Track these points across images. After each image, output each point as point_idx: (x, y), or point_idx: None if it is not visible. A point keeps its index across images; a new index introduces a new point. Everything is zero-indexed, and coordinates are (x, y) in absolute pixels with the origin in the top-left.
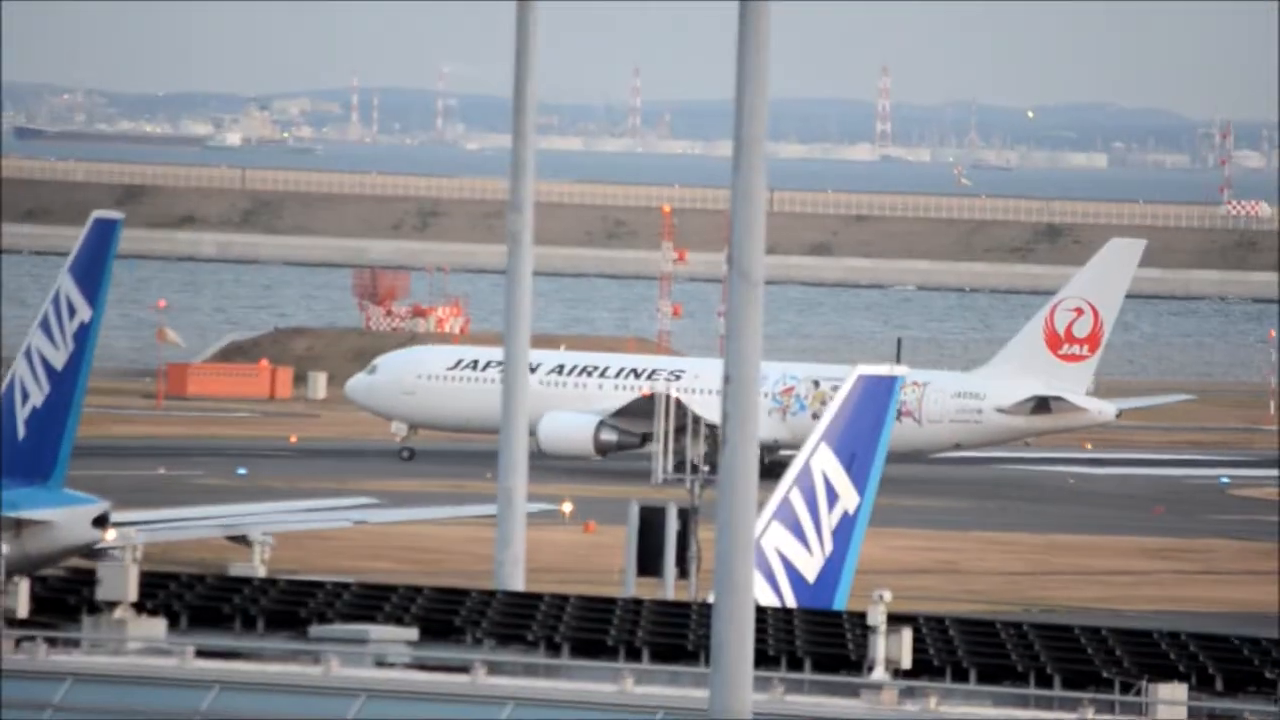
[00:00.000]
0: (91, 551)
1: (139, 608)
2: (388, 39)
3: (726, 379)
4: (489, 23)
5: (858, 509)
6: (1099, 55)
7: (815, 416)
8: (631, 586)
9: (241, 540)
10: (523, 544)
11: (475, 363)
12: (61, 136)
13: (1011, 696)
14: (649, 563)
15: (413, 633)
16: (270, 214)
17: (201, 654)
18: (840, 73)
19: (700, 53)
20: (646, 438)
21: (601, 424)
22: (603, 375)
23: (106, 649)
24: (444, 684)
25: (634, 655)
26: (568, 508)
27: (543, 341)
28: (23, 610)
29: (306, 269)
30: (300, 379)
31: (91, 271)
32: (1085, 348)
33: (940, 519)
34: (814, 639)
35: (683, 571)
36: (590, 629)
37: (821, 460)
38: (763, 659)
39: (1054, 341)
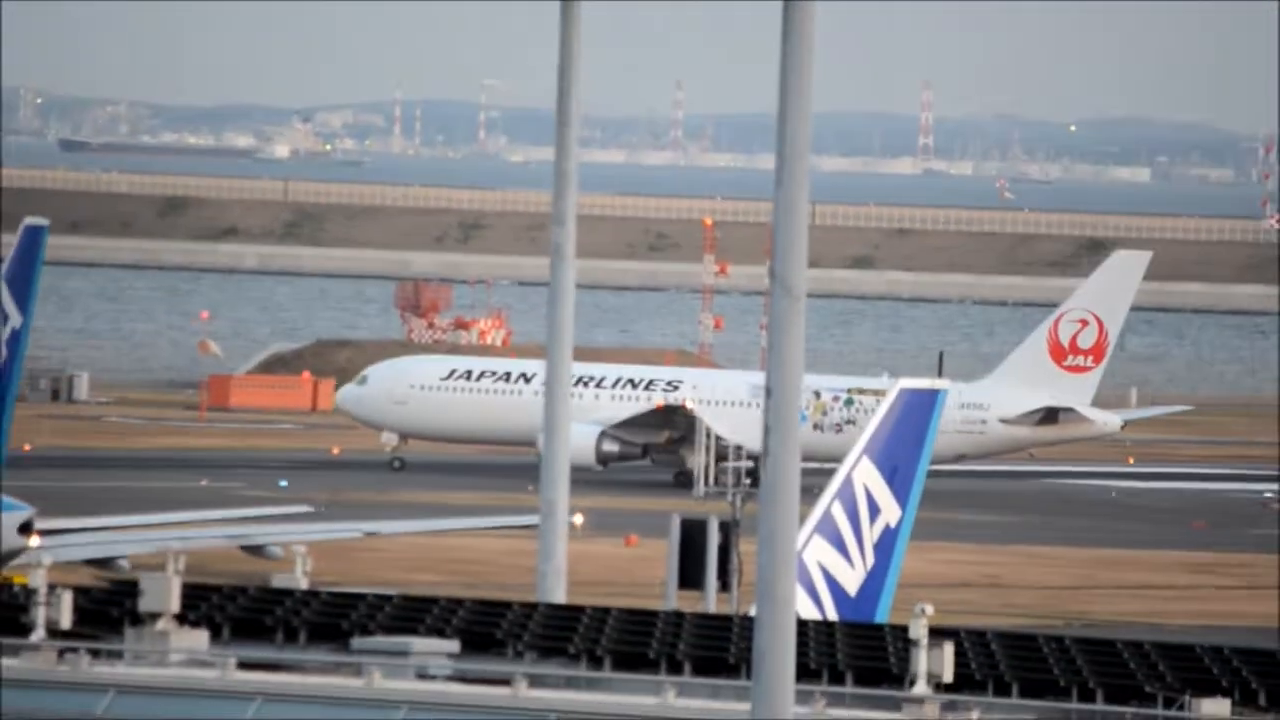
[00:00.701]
0: (8, 556)
1: (181, 619)
2: (431, 51)
3: (768, 392)
4: (532, 36)
5: (899, 522)
6: (1142, 69)
7: (816, 428)
8: (673, 599)
9: (257, 551)
10: (564, 556)
11: (469, 373)
12: (106, 148)
13: (1054, 711)
14: (690, 576)
15: (454, 645)
16: (313, 226)
17: (244, 666)
18: (882, 86)
19: (743, 66)
20: (648, 449)
21: (603, 434)
22: (599, 385)
23: (149, 660)
24: (485, 696)
25: (676, 668)
26: (579, 519)
27: (585, 355)
28: (65, 621)
29: (349, 281)
30: None
31: (22, 278)
32: (1090, 359)
33: (982, 533)
34: (856, 652)
35: (724, 584)
36: (632, 642)
37: (863, 473)
38: (804, 672)
39: (1058, 353)
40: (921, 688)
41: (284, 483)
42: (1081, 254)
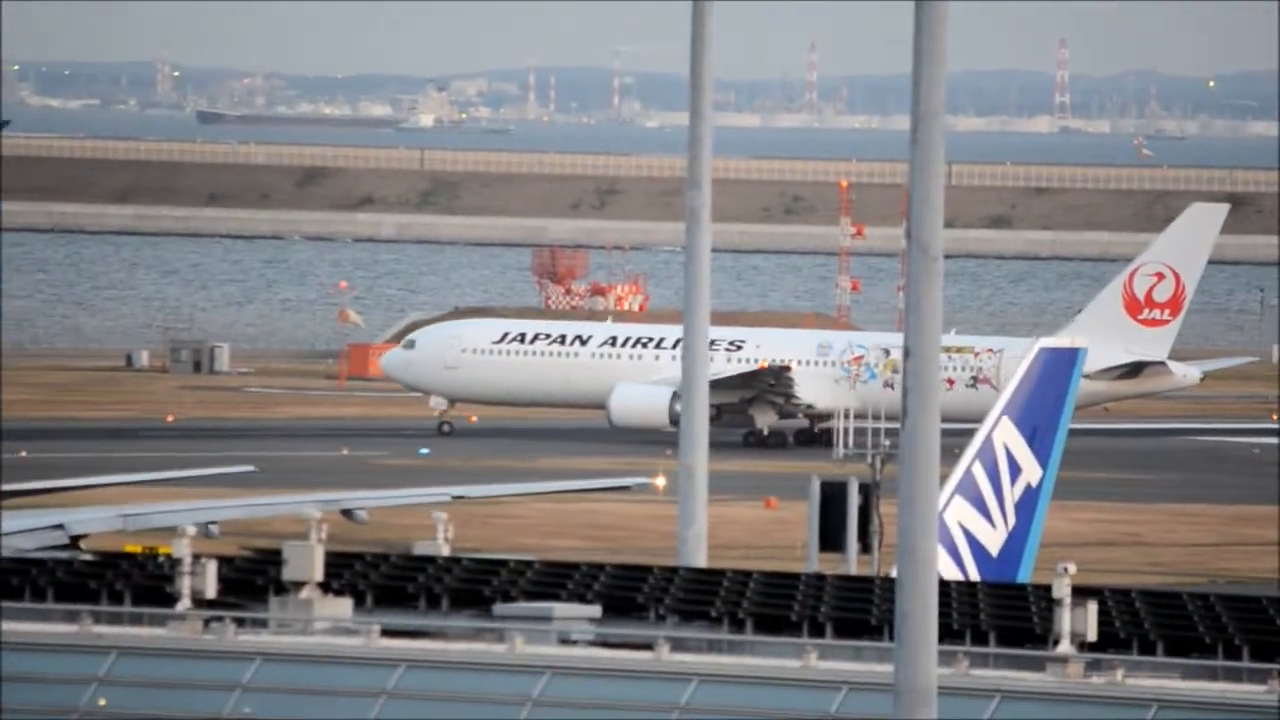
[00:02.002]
0: None
1: (325, 587)
2: (564, 18)
3: (906, 353)
4: (665, 1)
5: (1040, 482)
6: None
7: (887, 385)
8: (814, 562)
9: (348, 515)
10: (705, 520)
11: (522, 336)
12: (243, 120)
13: (1199, 669)
14: (831, 538)
15: (596, 610)
16: (449, 194)
17: (387, 633)
18: (1018, 44)
19: (877, 26)
20: (721, 410)
21: (676, 395)
22: (659, 346)
23: (293, 629)
24: (627, 661)
25: (818, 630)
26: (660, 482)
27: (722, 319)
28: (210, 591)
29: (485, 249)
30: None
31: None
32: (1167, 312)
33: (1124, 491)
34: (998, 612)
35: (865, 546)
36: (773, 604)
37: (1003, 433)
38: (947, 633)
39: (1133, 306)
40: (1065, 647)
41: (425, 450)
42: None
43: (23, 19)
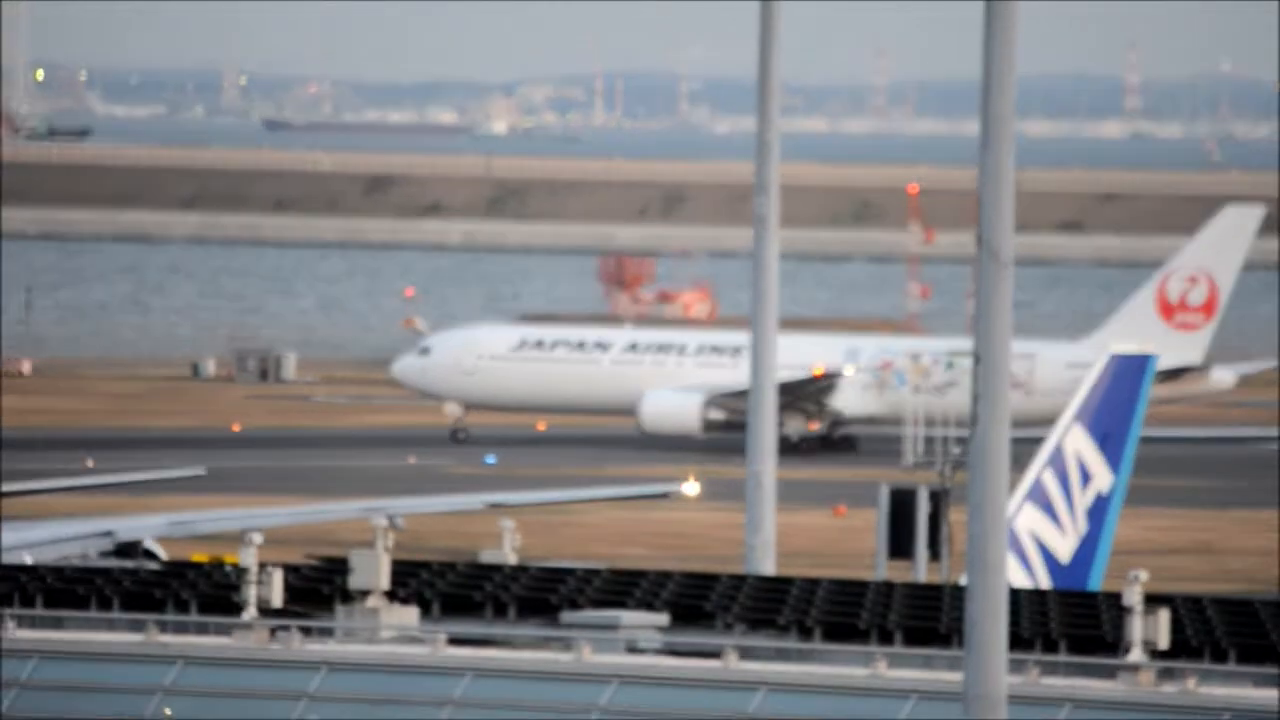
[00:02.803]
0: None
1: (391, 596)
2: (631, 23)
3: (976, 359)
4: (731, 4)
5: (1112, 489)
6: None
7: (916, 390)
8: (883, 569)
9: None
10: (773, 528)
11: (540, 342)
12: (309, 127)
13: (1272, 677)
14: (901, 545)
15: (663, 618)
16: (516, 201)
17: (453, 641)
18: (1087, 48)
19: (945, 30)
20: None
21: (707, 402)
22: (681, 353)
23: (360, 637)
24: (695, 669)
25: (887, 638)
26: (689, 489)
27: (790, 324)
28: (277, 600)
29: (552, 256)
30: None
31: None
32: (1201, 316)
33: (1195, 498)
34: (1069, 620)
35: (934, 553)
36: (842, 612)
37: (1074, 440)
38: (1017, 641)
39: (1167, 310)
40: (1137, 655)
41: (491, 459)
42: None
43: (90, 27)
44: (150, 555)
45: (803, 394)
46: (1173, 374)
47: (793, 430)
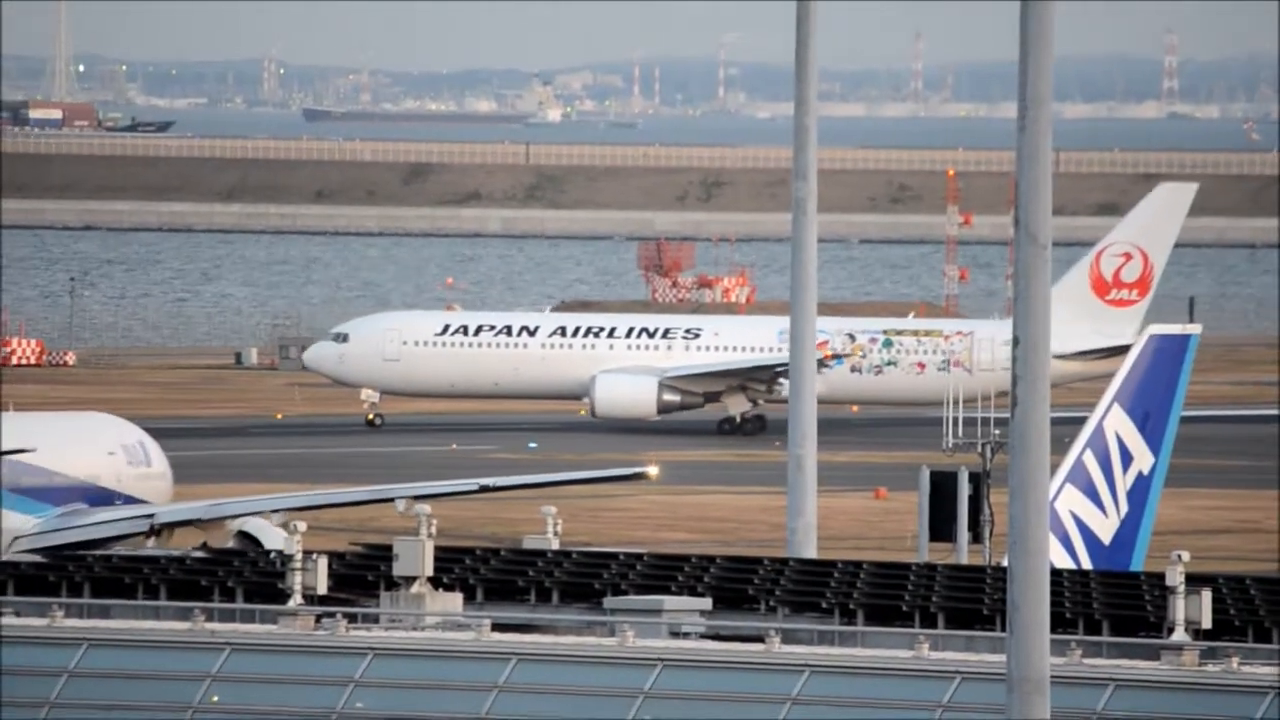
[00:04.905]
0: None
1: (435, 582)
2: (668, 10)
3: (1015, 341)
4: None
5: (1153, 469)
6: None
7: (854, 370)
8: (924, 552)
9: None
10: (814, 512)
11: (465, 328)
12: (348, 117)
13: None
14: (941, 528)
15: (706, 602)
16: (554, 188)
17: (498, 627)
18: (1124, 30)
19: (982, 14)
20: (710, 398)
21: (662, 385)
22: (611, 336)
23: (404, 624)
24: (739, 653)
25: (929, 621)
26: (653, 471)
27: (829, 309)
28: (322, 587)
29: (591, 242)
30: None
31: None
32: (1135, 292)
33: (1237, 478)
34: (1111, 601)
35: (976, 536)
36: (884, 595)
37: (1115, 421)
38: (1060, 622)
39: (1100, 287)
40: (1180, 635)
41: (533, 444)
42: None
43: (130, 20)
44: (250, 539)
45: (760, 377)
46: (1115, 351)
47: (736, 411)
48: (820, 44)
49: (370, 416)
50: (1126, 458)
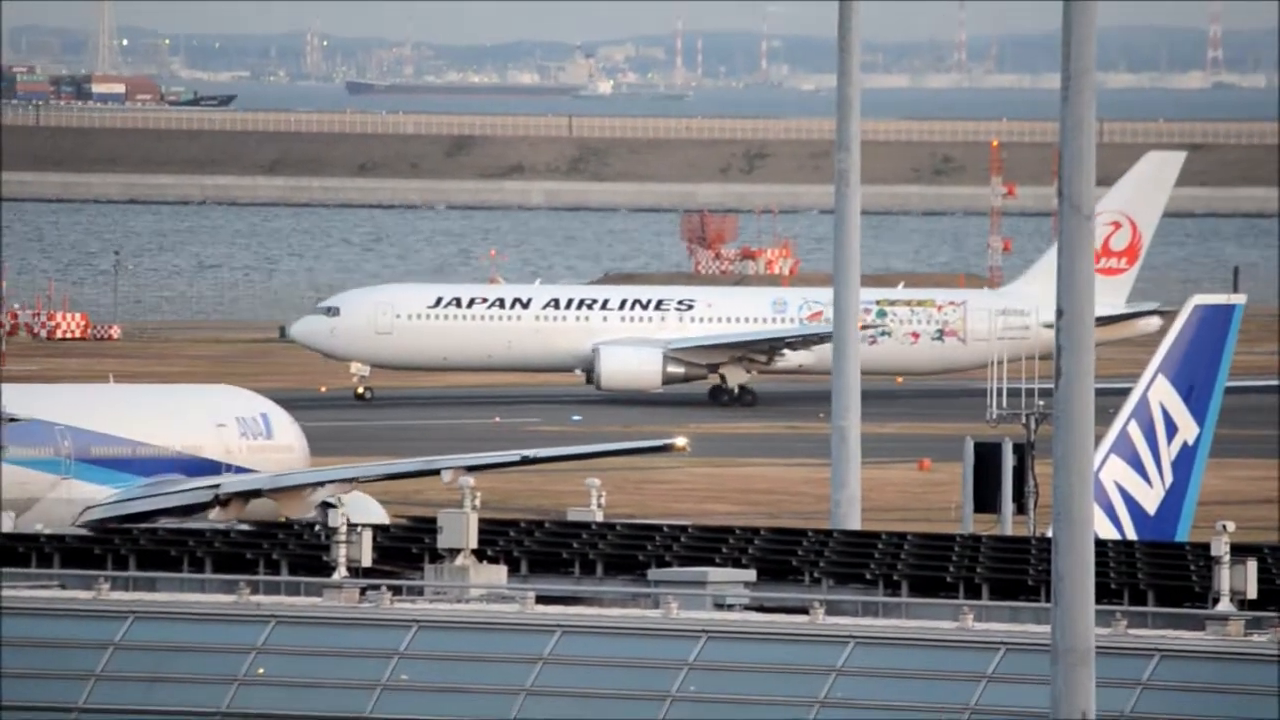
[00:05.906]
0: None
1: (480, 555)
2: None
3: (1059, 312)
4: None
5: (1197, 440)
6: None
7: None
8: (969, 523)
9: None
10: (858, 484)
11: (458, 300)
12: (391, 90)
13: None
14: (986, 499)
15: (751, 574)
16: (598, 161)
17: (542, 599)
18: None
19: None
20: (714, 369)
21: (667, 357)
22: (605, 308)
23: (449, 596)
24: (783, 624)
25: (974, 592)
26: (681, 441)
27: (872, 280)
28: (366, 560)
29: (634, 215)
30: None
31: None
32: (1124, 260)
33: None
34: (1156, 571)
35: (1020, 507)
36: (929, 566)
37: (1159, 391)
38: (1104, 592)
39: None
40: (1225, 605)
41: (577, 417)
42: None
43: None
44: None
45: (760, 349)
46: (1105, 320)
47: (734, 382)
48: (863, 15)
49: (360, 390)
50: (1171, 428)
